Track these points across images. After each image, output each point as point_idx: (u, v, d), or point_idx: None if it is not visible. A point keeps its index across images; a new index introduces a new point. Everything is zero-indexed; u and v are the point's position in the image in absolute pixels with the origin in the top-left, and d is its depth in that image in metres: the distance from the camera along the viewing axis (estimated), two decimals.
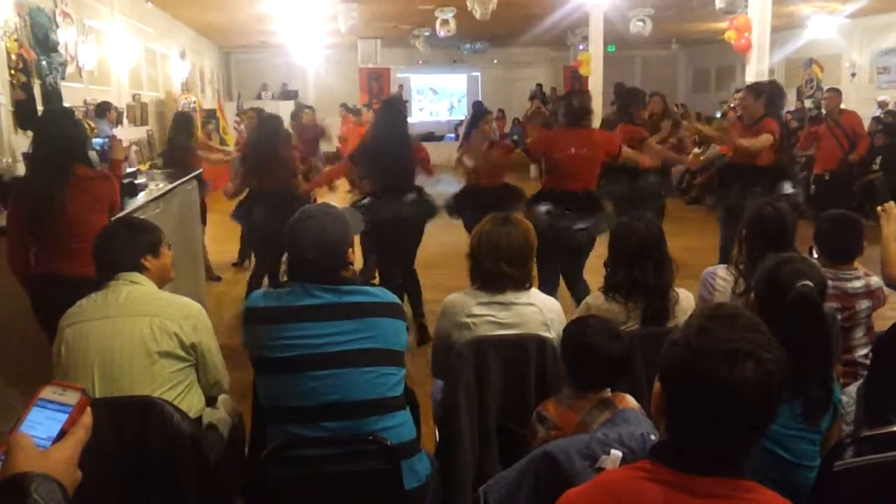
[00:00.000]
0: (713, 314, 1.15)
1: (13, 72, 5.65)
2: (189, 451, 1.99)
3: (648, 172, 5.58)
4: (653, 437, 1.58)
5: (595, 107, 11.65)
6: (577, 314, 2.47)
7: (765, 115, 5.06)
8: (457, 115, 18.53)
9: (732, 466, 1.12)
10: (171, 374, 2.15)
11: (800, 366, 1.72)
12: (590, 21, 11.64)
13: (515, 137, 15.80)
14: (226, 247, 7.04)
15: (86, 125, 5.89)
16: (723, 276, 2.73)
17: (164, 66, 11.58)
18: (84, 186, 3.15)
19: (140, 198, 4.44)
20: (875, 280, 2.76)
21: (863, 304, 2.73)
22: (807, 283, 1.86)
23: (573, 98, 4.43)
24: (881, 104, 11.03)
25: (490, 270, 2.39)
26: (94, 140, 5.51)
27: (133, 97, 9.60)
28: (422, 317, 4.73)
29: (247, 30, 13.67)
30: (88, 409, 0.96)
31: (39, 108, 5.91)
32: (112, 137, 5.55)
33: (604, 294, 2.52)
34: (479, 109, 6.27)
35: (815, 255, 2.88)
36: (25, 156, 4.37)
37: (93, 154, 4.51)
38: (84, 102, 7.35)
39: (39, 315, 3.13)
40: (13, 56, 5.66)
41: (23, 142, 5.23)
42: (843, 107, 8.36)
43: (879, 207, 2.96)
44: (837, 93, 8.34)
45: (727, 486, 1.11)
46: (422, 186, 4.78)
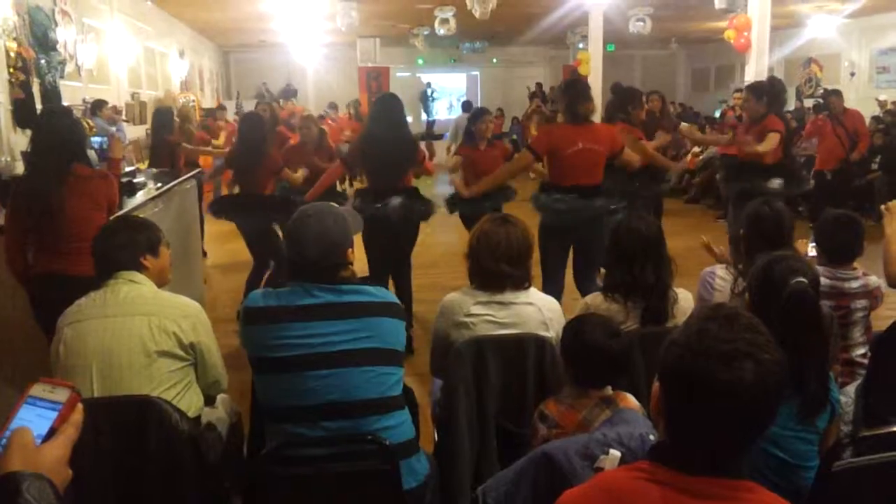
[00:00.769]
0: (712, 315, 1.15)
1: (12, 70, 5.64)
2: (188, 451, 1.99)
3: (641, 172, 5.57)
4: (652, 438, 1.58)
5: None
6: (576, 314, 2.47)
7: (767, 113, 5.05)
8: (455, 115, 18.50)
9: (731, 467, 1.12)
10: (170, 374, 2.15)
11: (796, 363, 1.73)
12: (589, 20, 11.64)
13: (514, 137, 15.79)
14: (227, 246, 7.03)
15: (84, 124, 5.87)
16: (722, 276, 2.73)
17: (164, 65, 11.57)
18: (82, 186, 3.15)
19: (139, 197, 4.44)
20: (873, 280, 2.76)
21: (859, 304, 2.73)
22: (801, 280, 1.86)
23: (574, 91, 4.25)
24: (880, 103, 11.04)
25: (489, 270, 2.38)
26: (93, 139, 5.50)
27: (132, 96, 9.58)
28: (409, 328, 4.66)
29: (246, 29, 13.66)
30: (79, 407, 0.96)
31: (38, 107, 5.90)
32: (111, 136, 5.54)
33: (603, 294, 2.53)
34: (476, 110, 6.18)
35: (815, 254, 2.89)
36: (24, 155, 4.37)
37: (91, 153, 4.51)
38: (83, 101, 7.34)
39: (38, 314, 3.13)
40: (12, 55, 5.65)
41: (22, 141, 5.23)
42: (846, 106, 8.39)
43: (883, 206, 2.96)
44: (840, 95, 8.39)
45: (726, 487, 1.11)
46: (415, 188, 4.66)
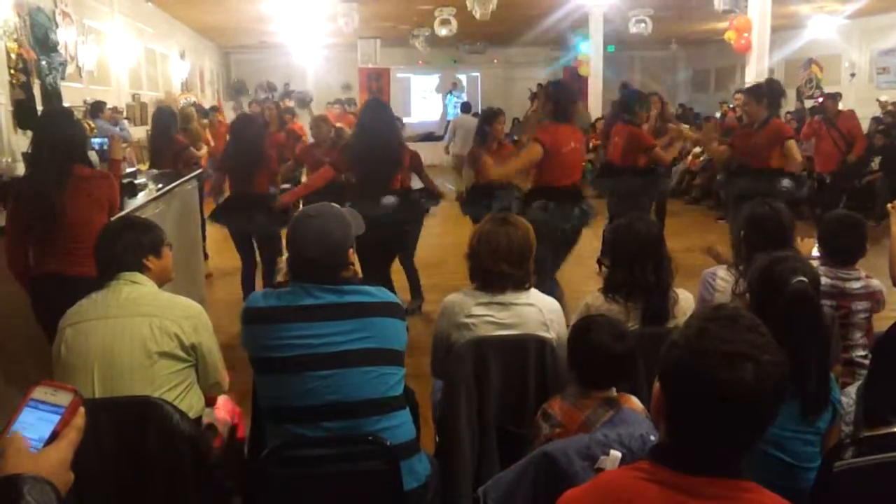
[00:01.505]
0: (713, 315, 1.15)
1: (13, 71, 5.66)
2: (188, 452, 1.99)
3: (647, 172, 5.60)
4: (652, 438, 1.58)
5: (594, 108, 11.71)
6: (578, 314, 2.47)
7: (770, 116, 5.00)
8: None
9: (731, 467, 1.12)
10: (171, 375, 2.15)
11: (797, 364, 1.72)
12: (589, 21, 11.66)
13: (515, 138, 15.77)
14: (228, 246, 6.99)
15: (85, 125, 5.88)
16: (723, 277, 2.73)
17: (164, 66, 11.58)
18: (83, 186, 3.15)
19: (140, 197, 4.44)
20: (876, 283, 2.76)
21: (860, 305, 2.73)
22: (802, 280, 1.86)
23: (559, 92, 4.37)
24: (881, 104, 11.04)
25: (490, 270, 2.38)
26: (94, 140, 5.51)
27: (133, 97, 9.60)
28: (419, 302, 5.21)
29: (246, 30, 13.67)
30: (81, 410, 0.95)
31: (39, 108, 5.91)
32: (111, 137, 5.54)
33: (603, 294, 2.53)
34: (489, 110, 6.13)
35: (818, 254, 2.89)
36: (25, 156, 4.37)
37: (92, 154, 4.51)
38: (84, 102, 7.35)
39: (39, 315, 3.13)
40: (13, 56, 5.66)
41: (22, 142, 5.24)
42: (842, 106, 8.41)
43: (889, 205, 2.97)
44: (834, 98, 8.42)
45: (726, 487, 1.11)
46: (408, 189, 4.65)
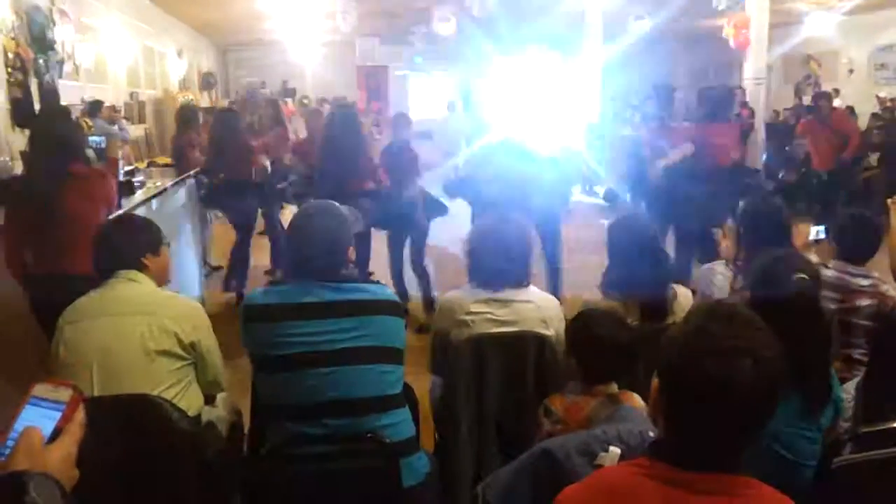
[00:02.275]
0: (711, 312, 1.15)
1: (10, 70, 5.64)
2: (187, 450, 1.99)
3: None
4: (651, 435, 1.58)
5: (594, 107, 11.70)
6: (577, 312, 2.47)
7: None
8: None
9: (730, 463, 1.13)
10: (170, 373, 2.15)
11: (798, 360, 1.72)
12: (588, 19, 11.64)
13: None
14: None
15: (83, 123, 5.87)
16: (722, 273, 2.73)
17: (162, 64, 11.57)
18: (81, 185, 3.14)
19: (138, 196, 4.44)
20: (885, 287, 2.74)
21: (864, 302, 2.72)
22: (802, 277, 1.86)
23: None
24: (880, 100, 11.04)
25: (488, 268, 2.38)
26: (91, 138, 5.50)
27: (130, 95, 9.58)
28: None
29: (244, 27, 13.65)
30: (81, 406, 0.96)
31: (37, 107, 5.90)
32: (109, 136, 5.54)
33: (601, 291, 2.53)
34: None
35: (817, 238, 2.90)
36: (23, 154, 4.37)
37: (90, 152, 4.50)
38: (81, 100, 7.34)
39: (38, 314, 3.12)
40: (10, 54, 5.65)
41: (20, 140, 5.23)
42: (840, 103, 8.41)
43: (889, 200, 2.97)
44: (827, 97, 8.48)
45: (725, 483, 1.11)
46: (374, 192, 4.57)
